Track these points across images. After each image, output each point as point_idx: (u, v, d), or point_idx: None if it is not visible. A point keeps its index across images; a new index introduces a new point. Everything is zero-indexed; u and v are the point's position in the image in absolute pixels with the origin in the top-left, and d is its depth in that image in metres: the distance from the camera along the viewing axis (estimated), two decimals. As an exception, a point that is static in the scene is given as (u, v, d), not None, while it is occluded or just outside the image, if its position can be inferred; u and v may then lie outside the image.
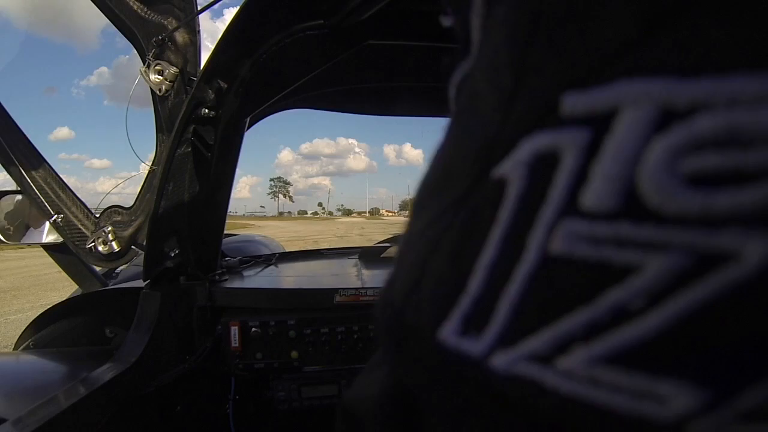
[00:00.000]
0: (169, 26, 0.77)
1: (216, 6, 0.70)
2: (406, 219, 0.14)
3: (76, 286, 1.14)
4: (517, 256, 0.09)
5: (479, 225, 0.10)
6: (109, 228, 0.86)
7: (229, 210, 0.89)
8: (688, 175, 0.08)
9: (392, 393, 0.14)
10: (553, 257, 0.09)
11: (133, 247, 0.88)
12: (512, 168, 0.10)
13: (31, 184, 0.86)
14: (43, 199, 0.87)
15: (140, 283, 0.79)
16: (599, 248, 0.08)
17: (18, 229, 1.00)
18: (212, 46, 0.68)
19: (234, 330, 0.77)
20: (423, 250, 0.12)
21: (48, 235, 0.98)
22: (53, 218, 0.87)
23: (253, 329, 0.77)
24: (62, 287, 3.72)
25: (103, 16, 0.78)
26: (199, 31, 0.78)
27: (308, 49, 0.73)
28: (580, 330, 0.09)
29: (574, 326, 0.09)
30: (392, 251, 1.21)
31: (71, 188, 0.89)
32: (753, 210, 0.07)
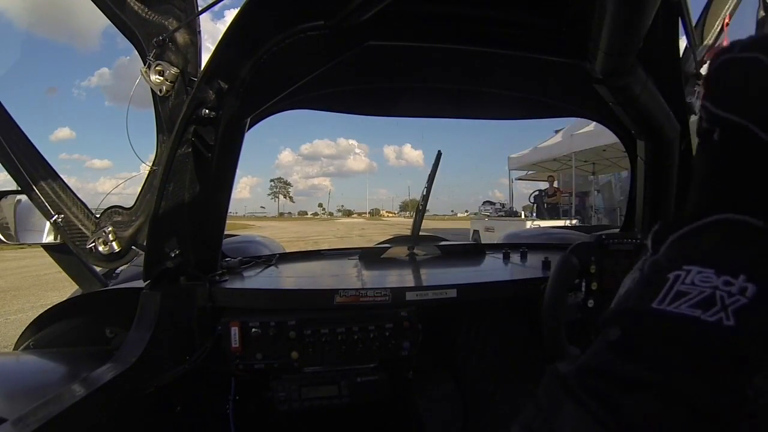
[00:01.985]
0: (170, 27, 0.77)
1: (216, 7, 0.71)
2: None
3: (76, 286, 1.14)
4: None
5: None
6: (110, 228, 0.86)
7: (229, 210, 0.89)
8: None
9: None
10: None
11: (133, 247, 0.88)
12: None
13: (32, 184, 0.86)
14: (43, 200, 0.87)
15: (140, 283, 0.80)
16: None
17: (18, 229, 1.00)
18: (213, 47, 0.69)
19: (234, 330, 0.77)
20: None
21: (48, 235, 0.98)
22: (54, 218, 0.87)
23: (254, 330, 0.77)
24: (62, 287, 3.72)
25: (105, 16, 0.78)
26: (199, 32, 0.78)
27: (309, 49, 0.73)
28: None
29: None
30: (392, 252, 1.20)
31: (72, 188, 0.89)
32: None
